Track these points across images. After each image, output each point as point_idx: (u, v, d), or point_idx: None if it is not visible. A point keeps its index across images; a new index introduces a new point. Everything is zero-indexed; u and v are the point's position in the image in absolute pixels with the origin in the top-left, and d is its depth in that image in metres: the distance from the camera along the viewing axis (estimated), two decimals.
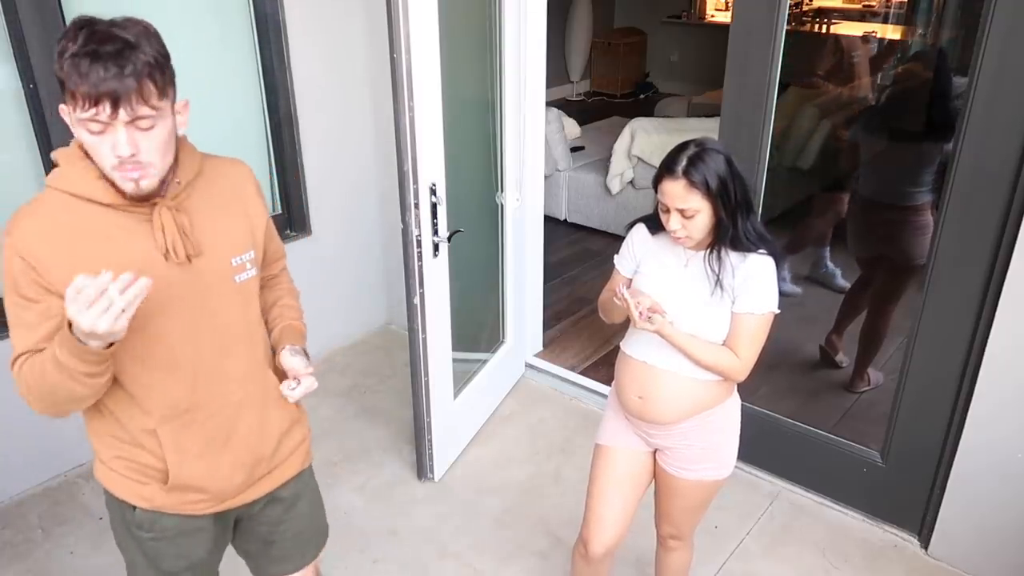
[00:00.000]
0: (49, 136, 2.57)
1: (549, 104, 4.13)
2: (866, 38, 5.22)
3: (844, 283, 3.63)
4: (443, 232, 2.49)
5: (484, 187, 3.06)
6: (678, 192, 1.60)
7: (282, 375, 1.56)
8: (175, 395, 1.39)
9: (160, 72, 1.21)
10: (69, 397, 1.27)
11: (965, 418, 2.33)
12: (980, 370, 2.26)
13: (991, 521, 2.38)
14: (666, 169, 1.62)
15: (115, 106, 1.16)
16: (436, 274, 2.54)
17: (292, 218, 3.43)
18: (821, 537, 2.63)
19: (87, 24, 1.18)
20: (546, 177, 4.20)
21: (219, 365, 1.42)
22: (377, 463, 3.00)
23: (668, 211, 1.64)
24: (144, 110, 1.19)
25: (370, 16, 3.33)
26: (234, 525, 1.63)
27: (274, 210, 3.40)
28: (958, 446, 2.37)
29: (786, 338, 3.54)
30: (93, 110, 1.16)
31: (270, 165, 3.34)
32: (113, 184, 1.26)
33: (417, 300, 2.51)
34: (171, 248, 1.31)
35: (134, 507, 1.47)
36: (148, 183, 1.25)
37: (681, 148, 1.62)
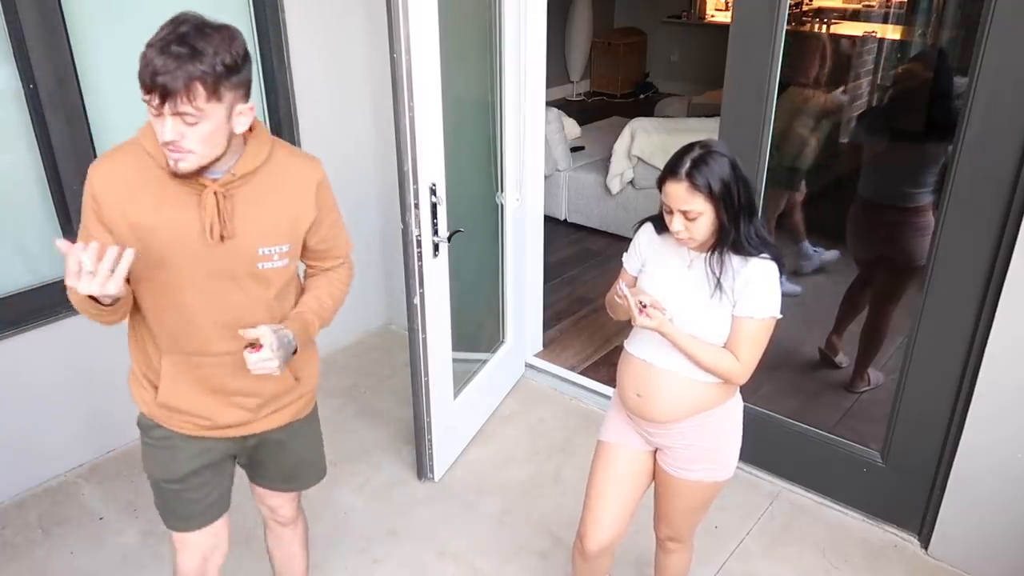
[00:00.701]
0: (49, 136, 2.57)
1: (549, 104, 4.13)
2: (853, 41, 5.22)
3: (793, 287, 3.66)
4: (443, 232, 2.49)
5: (484, 187, 3.06)
6: (681, 194, 1.60)
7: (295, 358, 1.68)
8: (182, 343, 1.61)
9: (215, 80, 1.34)
10: (92, 317, 1.49)
11: (965, 418, 2.33)
12: (980, 370, 2.26)
13: (991, 521, 2.38)
14: (669, 171, 1.62)
15: (163, 99, 1.32)
16: (436, 274, 2.54)
17: None
18: (821, 537, 2.63)
19: (179, 22, 1.35)
20: (546, 177, 4.21)
21: (223, 331, 1.59)
22: (377, 463, 3.00)
23: (671, 212, 1.64)
24: (188, 108, 1.34)
25: (370, 16, 3.33)
26: (235, 457, 1.84)
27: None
28: (958, 446, 2.37)
29: (786, 338, 3.54)
30: (147, 96, 1.34)
31: None
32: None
33: (417, 300, 2.51)
34: (209, 227, 1.49)
35: (141, 412, 1.73)
36: (186, 166, 1.42)
37: (686, 150, 1.63)
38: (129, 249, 1.34)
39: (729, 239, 1.64)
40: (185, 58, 1.31)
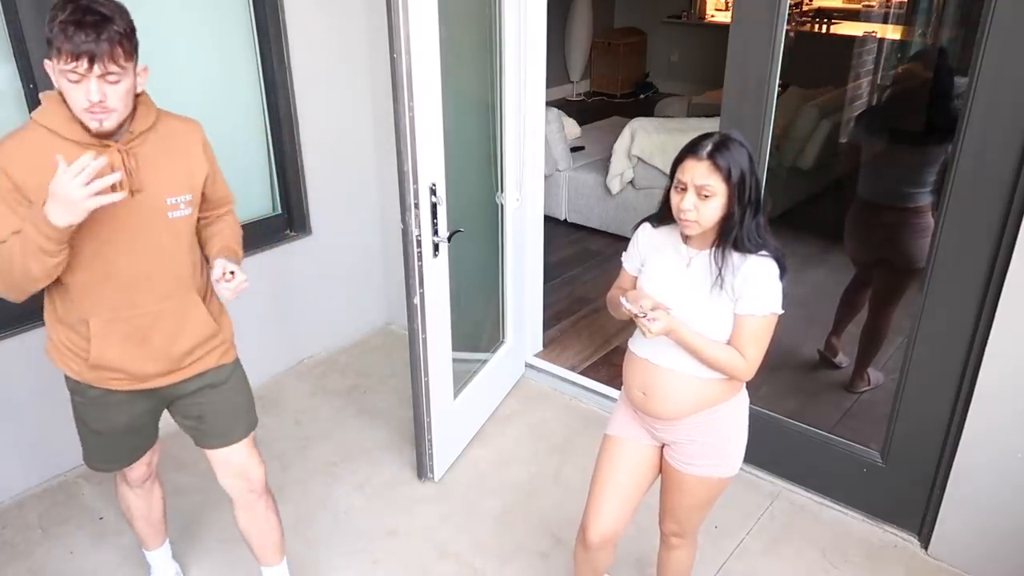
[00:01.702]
0: None
1: (549, 104, 4.13)
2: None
3: None
4: (443, 232, 2.49)
5: (484, 187, 3.06)
6: (701, 171, 1.61)
7: (208, 295, 1.91)
8: (106, 298, 1.74)
9: (128, 41, 1.55)
10: (29, 277, 1.59)
11: (965, 418, 2.33)
12: (980, 370, 2.26)
13: (991, 521, 2.38)
14: (690, 150, 1.64)
15: (91, 63, 1.50)
16: (436, 274, 2.54)
17: (292, 218, 3.43)
18: (821, 537, 2.63)
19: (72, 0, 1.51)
20: (546, 177, 4.21)
21: (146, 280, 1.76)
22: (377, 463, 3.00)
23: (684, 190, 1.64)
24: (113, 67, 1.52)
25: (370, 16, 3.33)
26: (171, 408, 1.99)
27: (274, 210, 3.40)
28: (958, 446, 2.37)
29: (786, 338, 3.54)
30: (74, 63, 1.49)
31: (270, 165, 3.34)
32: (81, 124, 1.59)
33: (417, 300, 2.51)
34: (119, 182, 1.59)
35: (67, 376, 1.86)
36: (109, 124, 1.59)
37: (708, 135, 1.65)
38: (103, 159, 1.49)
39: (732, 233, 1.64)
40: (102, 24, 1.49)
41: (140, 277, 1.74)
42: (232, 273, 1.77)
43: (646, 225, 1.85)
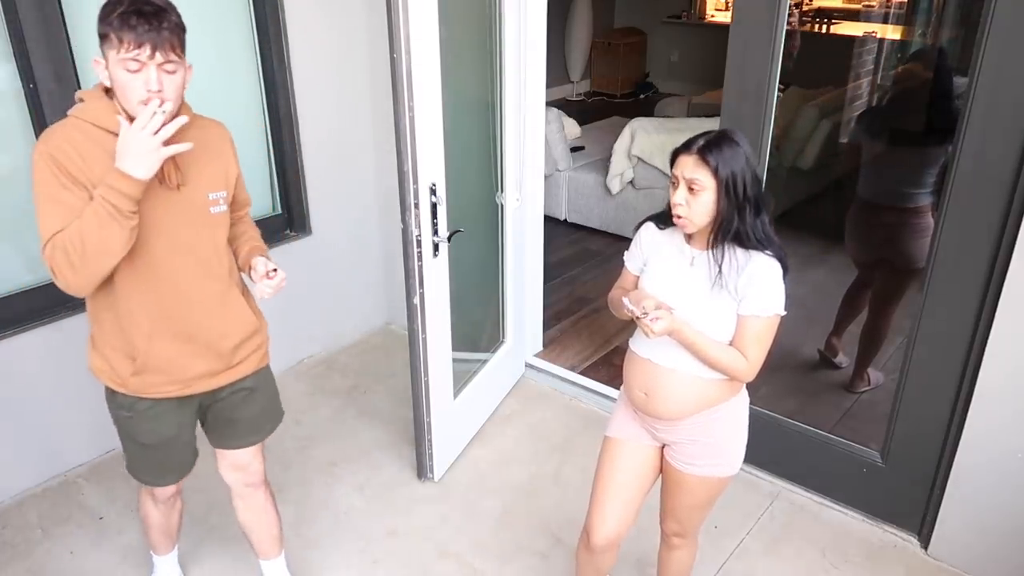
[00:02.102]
0: None
1: (549, 104, 4.13)
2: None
3: None
4: (443, 232, 2.49)
5: (484, 187, 3.06)
6: (688, 164, 1.64)
7: (245, 291, 1.95)
8: (154, 294, 1.74)
9: (181, 31, 1.59)
10: (103, 249, 1.58)
11: (965, 418, 2.33)
12: (980, 370, 2.26)
13: (991, 521, 2.38)
14: (684, 146, 1.67)
15: (153, 50, 1.53)
16: (436, 274, 2.54)
17: (292, 218, 3.43)
18: (821, 537, 2.63)
19: None
20: (546, 177, 4.21)
21: (191, 277, 1.78)
22: (377, 463, 3.00)
23: (676, 185, 1.66)
24: (172, 56, 1.56)
25: (370, 16, 3.33)
26: (204, 415, 1.99)
27: (274, 210, 3.40)
28: (958, 446, 2.37)
29: (787, 338, 3.53)
30: (136, 51, 1.52)
31: (270, 165, 3.34)
32: (128, 118, 1.57)
33: (417, 300, 2.51)
34: (167, 175, 1.66)
35: (114, 392, 1.85)
36: (163, 115, 1.57)
37: (705, 132, 1.67)
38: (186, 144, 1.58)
39: (731, 229, 1.64)
40: (161, 14, 1.54)
41: (185, 272, 1.77)
42: (275, 270, 1.81)
43: (649, 224, 1.84)
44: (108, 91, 1.63)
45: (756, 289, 1.66)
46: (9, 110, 2.54)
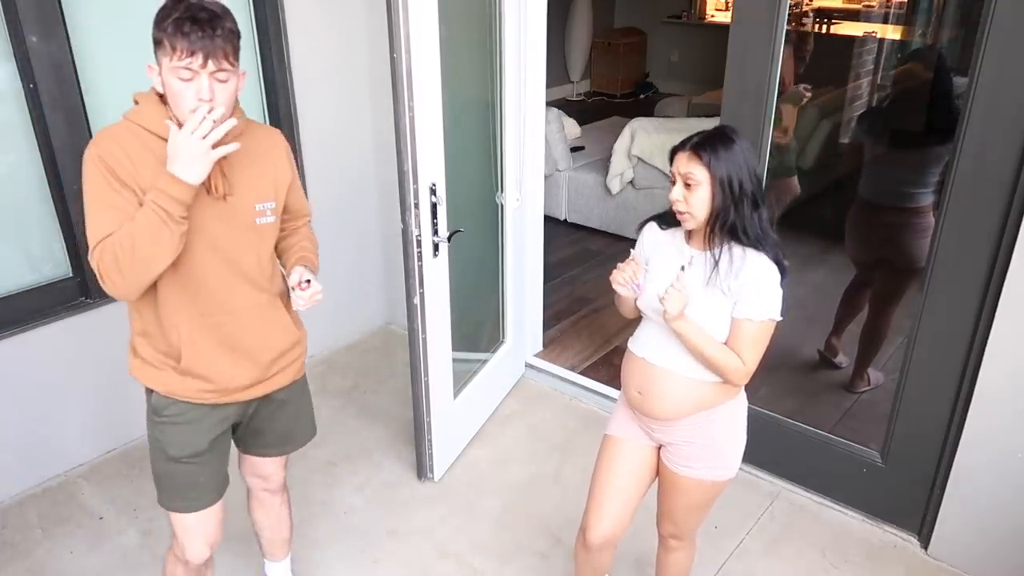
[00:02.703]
0: (49, 136, 2.57)
1: (549, 104, 4.12)
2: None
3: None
4: (443, 232, 2.49)
5: (484, 187, 3.06)
6: (683, 159, 1.66)
7: (287, 303, 1.89)
8: (196, 302, 1.71)
9: (236, 38, 1.56)
10: (152, 254, 1.55)
11: (965, 418, 2.33)
12: (980, 370, 2.26)
13: (991, 521, 2.38)
14: (680, 143, 1.69)
15: (206, 59, 1.50)
16: (436, 274, 2.54)
17: None
18: (821, 537, 2.63)
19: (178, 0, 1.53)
20: (546, 177, 4.21)
21: (234, 286, 1.74)
22: (377, 463, 3.00)
23: (675, 181, 1.68)
24: (225, 64, 1.53)
25: (370, 16, 3.33)
26: (235, 428, 1.95)
27: None
28: (958, 446, 2.37)
29: (786, 338, 3.53)
30: (189, 59, 1.49)
31: None
32: (178, 124, 1.55)
33: (417, 300, 2.51)
34: (214, 184, 1.63)
35: (152, 392, 1.80)
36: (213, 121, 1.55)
37: (702, 131, 1.69)
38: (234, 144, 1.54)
39: (727, 223, 1.65)
40: (215, 21, 1.51)
41: (229, 282, 1.73)
42: (308, 282, 1.76)
43: (652, 224, 1.85)
44: (162, 96, 1.60)
45: (751, 292, 1.66)
46: (9, 110, 2.54)
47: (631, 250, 1.89)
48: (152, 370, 1.79)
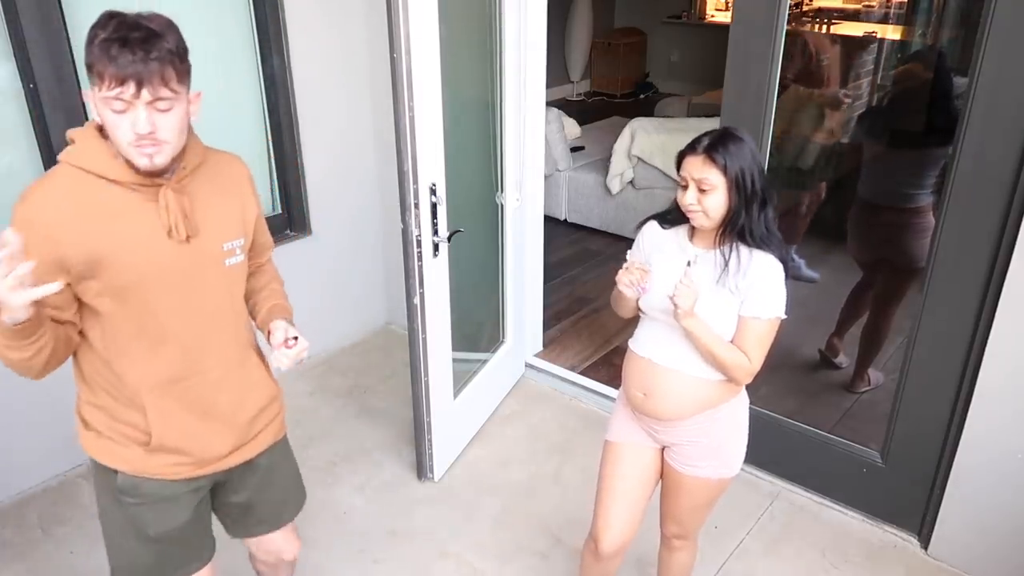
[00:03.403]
0: (49, 136, 2.57)
1: (549, 104, 4.12)
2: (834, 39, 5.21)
3: (812, 273, 3.63)
4: (443, 232, 2.49)
5: (484, 187, 3.06)
6: (697, 164, 1.64)
7: (259, 352, 1.71)
8: (162, 365, 1.50)
9: (180, 60, 1.33)
10: (17, 370, 1.40)
11: (965, 418, 2.33)
12: (980, 370, 2.26)
13: (991, 521, 2.38)
14: (690, 147, 1.67)
15: (139, 87, 1.28)
16: (436, 274, 2.54)
17: (292, 218, 3.43)
18: (821, 537, 2.63)
19: (117, 15, 1.31)
20: (546, 177, 4.21)
21: (204, 340, 1.54)
22: (377, 463, 3.00)
23: (686, 186, 1.66)
24: (164, 92, 1.31)
25: (370, 16, 3.33)
26: (212, 490, 1.72)
27: (274, 210, 3.40)
28: (958, 446, 2.37)
29: (786, 338, 3.53)
30: (119, 89, 1.27)
31: (270, 165, 3.34)
32: (126, 162, 1.37)
33: (417, 300, 2.51)
34: (174, 226, 1.42)
35: (116, 472, 1.57)
36: (162, 159, 1.36)
37: (708, 132, 1.68)
38: (28, 263, 1.21)
39: (738, 225, 1.65)
40: (150, 41, 1.28)
41: (198, 337, 1.52)
42: (295, 339, 1.57)
43: (652, 223, 1.84)
44: (102, 129, 1.38)
45: (758, 290, 1.66)
46: (9, 110, 2.54)
47: (627, 253, 1.88)
48: (112, 446, 1.55)
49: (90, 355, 1.51)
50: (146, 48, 1.28)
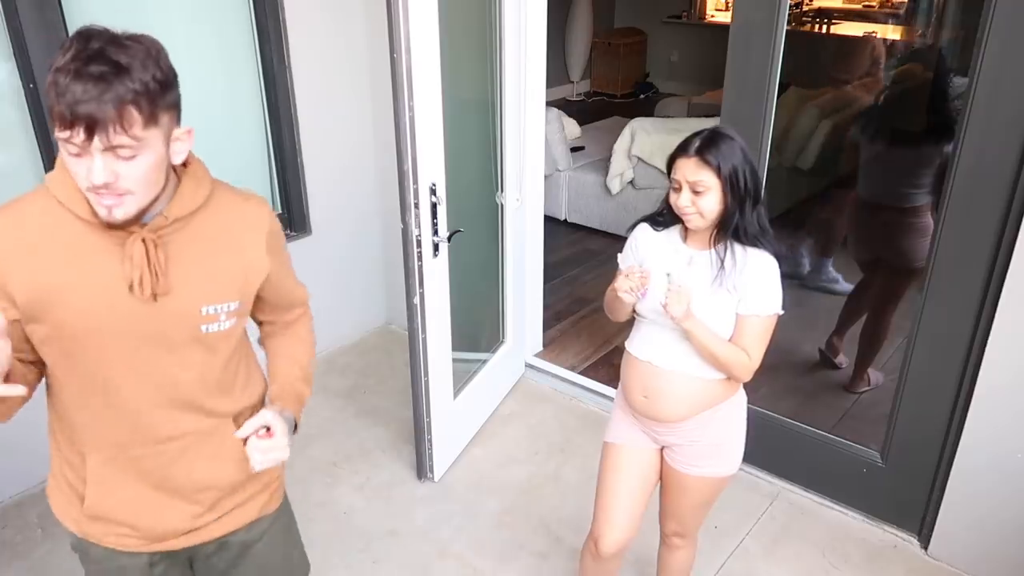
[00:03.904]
0: (49, 136, 2.57)
1: (549, 104, 4.12)
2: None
3: (847, 286, 3.63)
4: (443, 232, 2.49)
5: (484, 187, 3.06)
6: (690, 167, 1.64)
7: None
8: (108, 430, 1.31)
9: (150, 100, 1.09)
10: None
11: (965, 418, 2.33)
12: (980, 370, 2.26)
13: (991, 521, 2.38)
14: (681, 149, 1.67)
15: (90, 132, 1.06)
16: (436, 274, 2.54)
17: (292, 218, 3.43)
18: (821, 537, 2.63)
19: (84, 37, 1.09)
20: (546, 177, 4.20)
21: (162, 411, 1.31)
22: (377, 463, 3.00)
23: (679, 189, 1.66)
24: (123, 139, 1.08)
25: (370, 16, 3.33)
26: (192, 563, 1.50)
27: (274, 210, 3.40)
28: (958, 446, 2.37)
29: (786, 339, 3.53)
30: (67, 132, 1.06)
31: (270, 165, 3.34)
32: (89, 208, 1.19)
33: (417, 300, 2.51)
34: (136, 282, 1.20)
35: (70, 531, 1.41)
36: (123, 212, 1.15)
37: (698, 132, 1.67)
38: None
39: (732, 223, 1.65)
40: (110, 77, 1.06)
41: (156, 405, 1.30)
42: (268, 429, 1.31)
43: (644, 226, 1.84)
44: None
45: (755, 288, 1.66)
46: (9, 110, 2.54)
47: (618, 256, 1.87)
48: (62, 499, 1.39)
49: (52, 399, 1.35)
50: (102, 86, 1.05)
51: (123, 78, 1.06)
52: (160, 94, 1.11)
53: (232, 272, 1.31)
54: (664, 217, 1.79)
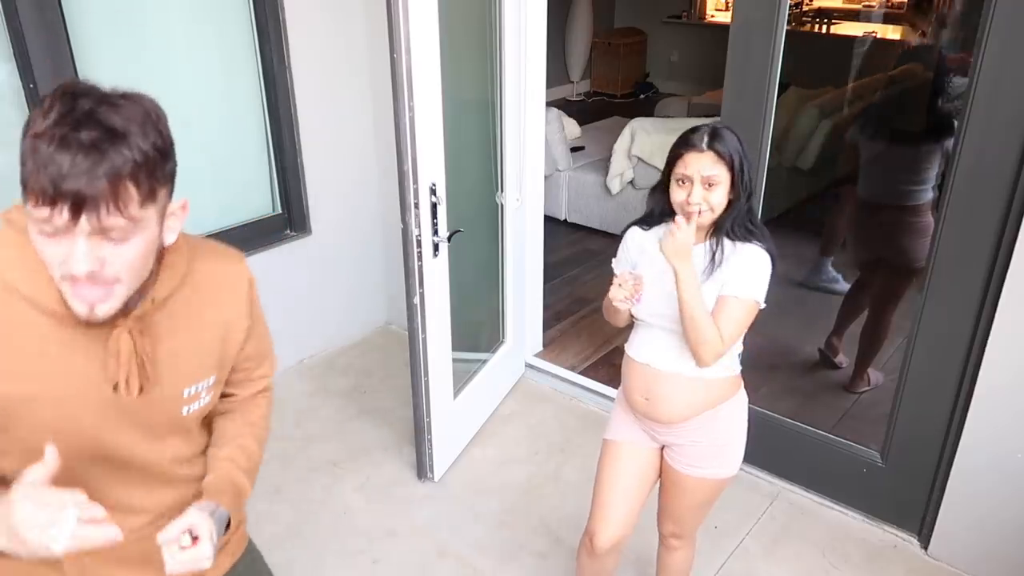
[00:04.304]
0: None
1: (549, 104, 4.12)
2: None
3: (847, 286, 3.63)
4: (443, 232, 2.49)
5: (484, 187, 3.06)
6: (705, 162, 1.63)
7: None
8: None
9: (149, 172, 0.92)
10: None
11: (965, 418, 2.33)
12: (980, 370, 2.26)
13: (991, 521, 2.38)
14: (689, 144, 1.65)
15: (76, 212, 0.87)
16: (436, 274, 2.54)
17: (292, 218, 3.44)
18: (821, 537, 2.63)
19: (71, 93, 0.91)
20: (546, 177, 4.20)
21: (126, 494, 1.16)
22: (377, 463, 3.00)
23: (688, 183, 1.65)
24: (116, 220, 0.90)
25: (370, 16, 3.33)
26: None
27: (274, 210, 3.41)
28: (958, 446, 2.37)
29: (786, 339, 3.54)
30: (46, 211, 0.87)
31: (270, 165, 3.34)
32: (60, 299, 0.98)
33: (417, 300, 2.51)
34: (123, 380, 1.04)
35: None
36: (108, 308, 0.97)
37: (694, 129, 1.67)
38: (114, 529, 0.95)
39: (733, 216, 1.66)
40: (104, 145, 0.88)
41: (116, 485, 1.14)
42: (196, 539, 1.07)
43: (634, 229, 1.85)
44: None
45: (741, 273, 1.68)
46: (9, 110, 2.54)
47: (612, 262, 1.87)
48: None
49: None
50: (94, 157, 0.87)
51: (119, 146, 0.89)
52: (160, 164, 0.95)
53: (212, 343, 1.18)
54: (653, 218, 1.79)
